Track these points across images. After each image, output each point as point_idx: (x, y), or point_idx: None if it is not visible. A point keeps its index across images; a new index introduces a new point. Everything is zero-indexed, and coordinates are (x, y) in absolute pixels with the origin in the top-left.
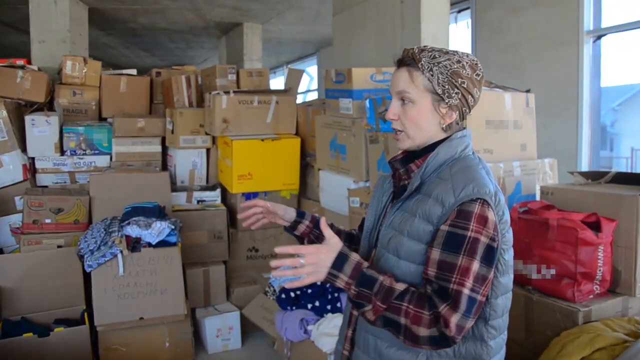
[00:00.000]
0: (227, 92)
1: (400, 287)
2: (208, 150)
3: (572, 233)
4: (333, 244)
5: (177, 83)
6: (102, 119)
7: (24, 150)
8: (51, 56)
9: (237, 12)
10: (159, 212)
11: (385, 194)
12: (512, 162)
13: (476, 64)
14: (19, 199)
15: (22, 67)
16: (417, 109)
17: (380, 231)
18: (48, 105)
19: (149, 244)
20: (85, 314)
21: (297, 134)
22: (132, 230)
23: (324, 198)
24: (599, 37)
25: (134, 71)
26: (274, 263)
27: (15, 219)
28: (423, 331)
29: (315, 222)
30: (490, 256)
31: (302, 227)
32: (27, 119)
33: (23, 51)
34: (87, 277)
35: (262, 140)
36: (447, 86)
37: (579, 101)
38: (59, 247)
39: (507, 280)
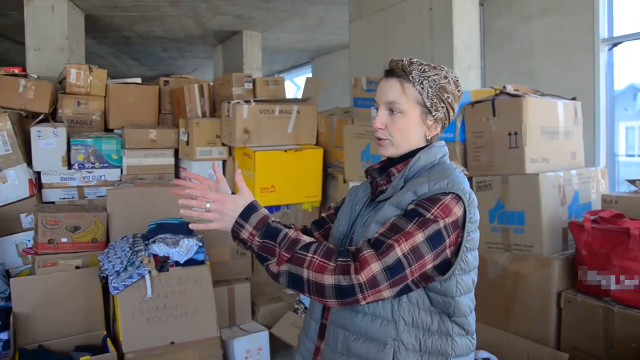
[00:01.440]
0: (247, 102)
1: (307, 239)
2: (224, 162)
3: None
4: (243, 197)
5: (189, 92)
6: (107, 130)
7: (28, 164)
8: (47, 64)
9: (238, 20)
10: (186, 229)
11: (359, 202)
12: (570, 171)
13: (457, 80)
14: (25, 217)
15: (24, 76)
16: (406, 120)
17: (353, 237)
18: (51, 117)
19: (177, 263)
20: (108, 339)
21: (317, 144)
22: (159, 249)
23: None
24: (614, 45)
25: (138, 80)
26: (180, 201)
27: (22, 238)
28: (327, 279)
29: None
30: (436, 241)
31: None
32: (33, 130)
33: (6, 60)
34: (105, 300)
35: (285, 151)
36: (435, 100)
37: (596, 108)
38: (76, 267)
39: (469, 280)
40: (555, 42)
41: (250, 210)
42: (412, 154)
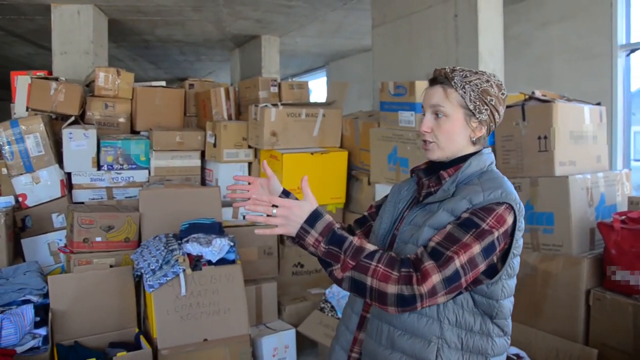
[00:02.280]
0: (275, 105)
1: (370, 247)
2: (249, 164)
3: None
4: (309, 201)
5: (216, 95)
6: (133, 132)
7: (59, 165)
8: (73, 68)
9: (258, 25)
10: (218, 229)
11: (402, 201)
12: (597, 174)
13: (501, 84)
14: (56, 216)
15: (55, 79)
16: (451, 123)
17: (395, 235)
18: (80, 119)
19: (209, 262)
20: (142, 336)
21: (341, 146)
22: (193, 248)
23: None
24: (632, 51)
25: (162, 83)
26: (248, 205)
27: (53, 237)
28: (391, 288)
29: None
30: (490, 251)
31: None
32: (65, 132)
33: (27, 63)
34: (137, 298)
35: (312, 153)
36: (478, 102)
37: (614, 113)
38: (110, 266)
39: (513, 284)
40: (573, 47)
41: (316, 216)
42: (463, 159)
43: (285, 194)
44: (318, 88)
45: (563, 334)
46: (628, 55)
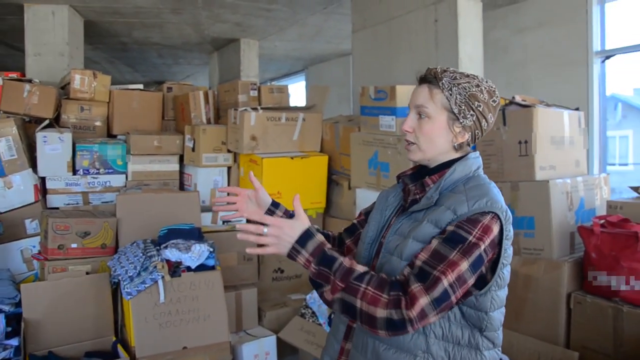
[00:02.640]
0: (254, 109)
1: (360, 269)
2: (229, 168)
3: None
4: (301, 221)
5: (195, 99)
6: (110, 135)
7: (33, 169)
8: (48, 70)
9: (237, 28)
10: (198, 234)
11: (389, 207)
12: (576, 178)
13: (494, 91)
14: (29, 222)
15: (29, 81)
16: (432, 124)
17: (382, 243)
18: (54, 122)
19: (188, 268)
20: (119, 345)
21: (321, 151)
22: (172, 254)
23: None
24: (607, 57)
25: (140, 86)
26: (239, 226)
27: (27, 244)
28: (380, 312)
29: (289, 214)
30: (477, 265)
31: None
32: (39, 135)
33: None
34: (114, 305)
35: (292, 158)
36: (463, 107)
37: (590, 118)
38: (86, 273)
39: (503, 294)
40: (550, 54)
41: (307, 236)
42: (448, 164)
43: (275, 205)
44: (297, 92)
45: (544, 338)
46: (603, 61)
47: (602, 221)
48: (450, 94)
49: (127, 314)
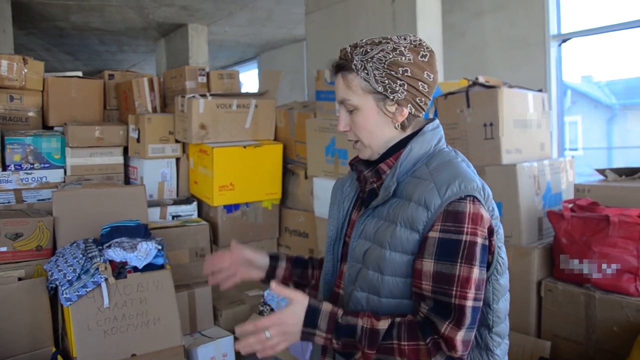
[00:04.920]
0: (203, 96)
1: (383, 325)
2: (177, 159)
3: (635, 228)
4: (297, 302)
5: (138, 86)
6: (46, 127)
7: None
8: None
9: (184, 12)
10: (144, 232)
11: (347, 199)
12: (542, 162)
13: (419, 44)
14: None
15: None
16: (363, 115)
17: (346, 242)
18: None
19: (135, 269)
20: (59, 356)
21: (275, 139)
22: (116, 254)
23: (319, 207)
24: (564, 41)
25: (79, 73)
26: (237, 345)
27: None
28: None
29: (291, 261)
30: (485, 257)
31: (280, 272)
32: None
33: None
34: (54, 313)
35: (245, 147)
36: (387, 81)
37: (548, 101)
38: (19, 279)
39: (505, 281)
40: (507, 37)
41: (313, 314)
42: (403, 143)
43: (274, 259)
44: (249, 81)
45: (515, 327)
46: (560, 44)
47: (571, 205)
48: (367, 74)
49: (67, 322)
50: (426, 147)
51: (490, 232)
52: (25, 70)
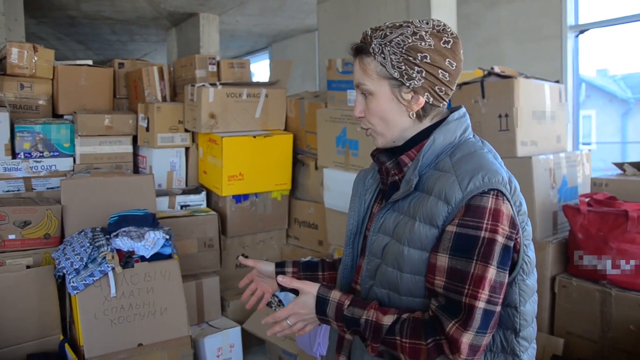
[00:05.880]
0: (213, 85)
1: (387, 320)
2: (186, 149)
3: None
4: (307, 292)
5: (148, 75)
6: (56, 115)
7: None
8: None
9: (195, 2)
10: (152, 221)
11: (368, 191)
12: (558, 154)
13: (442, 29)
14: None
15: None
16: (377, 101)
17: (366, 236)
18: None
19: (142, 258)
20: (66, 344)
21: (286, 129)
22: (123, 243)
23: (330, 198)
24: (581, 32)
25: (89, 61)
26: (269, 332)
27: None
28: None
29: (299, 266)
30: (506, 259)
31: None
32: None
33: None
34: (61, 301)
35: (254, 137)
36: (403, 67)
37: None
38: (27, 267)
39: (533, 281)
40: (523, 28)
41: (321, 304)
42: (426, 134)
43: (280, 266)
44: (261, 71)
45: None
46: (577, 36)
47: (588, 199)
48: (384, 58)
49: (75, 310)
50: (450, 137)
51: (515, 227)
52: (36, 59)
